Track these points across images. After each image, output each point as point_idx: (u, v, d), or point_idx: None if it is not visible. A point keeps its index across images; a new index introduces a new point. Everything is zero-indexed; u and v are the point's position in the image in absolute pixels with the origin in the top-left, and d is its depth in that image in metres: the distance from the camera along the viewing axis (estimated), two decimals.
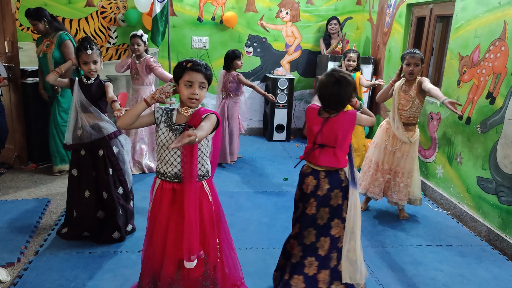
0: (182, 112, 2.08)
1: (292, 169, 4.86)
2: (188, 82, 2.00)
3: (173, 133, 2.06)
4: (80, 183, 3.03)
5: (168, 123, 2.08)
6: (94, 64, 2.95)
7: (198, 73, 2.00)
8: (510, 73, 3.16)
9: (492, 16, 3.40)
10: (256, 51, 6.18)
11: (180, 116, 2.09)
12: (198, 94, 2.02)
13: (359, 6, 6.22)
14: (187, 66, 2.00)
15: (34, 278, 2.54)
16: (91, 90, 3.01)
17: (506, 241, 3.14)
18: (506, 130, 3.18)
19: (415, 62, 3.30)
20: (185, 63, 2.01)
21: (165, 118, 2.09)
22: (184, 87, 2.02)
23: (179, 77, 2.02)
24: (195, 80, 2.00)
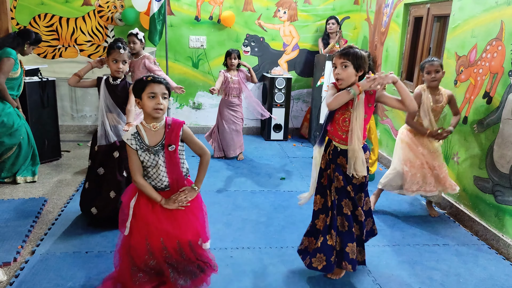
0: (151, 128, 2.17)
1: (290, 168, 4.87)
2: (151, 94, 2.10)
3: (154, 155, 2.18)
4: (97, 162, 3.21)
5: (144, 148, 2.16)
6: (123, 64, 3.07)
7: (160, 84, 2.12)
8: (506, 72, 3.17)
9: (489, 15, 3.40)
10: (253, 51, 6.18)
11: (150, 134, 2.17)
12: (163, 104, 2.11)
13: (357, 6, 6.22)
14: (148, 80, 2.11)
15: (30, 278, 2.54)
16: (116, 91, 3.13)
17: (503, 240, 3.15)
18: (502, 129, 3.19)
19: (435, 69, 3.37)
20: (145, 77, 2.13)
21: (139, 144, 2.16)
22: (148, 100, 2.11)
23: (142, 90, 2.12)
24: (158, 91, 2.10)
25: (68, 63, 5.76)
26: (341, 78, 2.33)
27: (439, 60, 3.41)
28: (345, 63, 2.32)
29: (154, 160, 2.18)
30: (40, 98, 4.49)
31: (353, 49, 2.35)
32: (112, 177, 3.17)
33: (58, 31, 5.66)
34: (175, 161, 2.21)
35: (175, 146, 2.18)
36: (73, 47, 5.76)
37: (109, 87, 3.12)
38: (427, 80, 3.43)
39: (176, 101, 6.17)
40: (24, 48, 3.96)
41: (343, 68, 2.33)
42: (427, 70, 3.41)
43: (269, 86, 5.92)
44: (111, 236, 3.09)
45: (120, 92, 3.13)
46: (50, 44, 5.68)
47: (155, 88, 2.09)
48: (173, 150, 2.18)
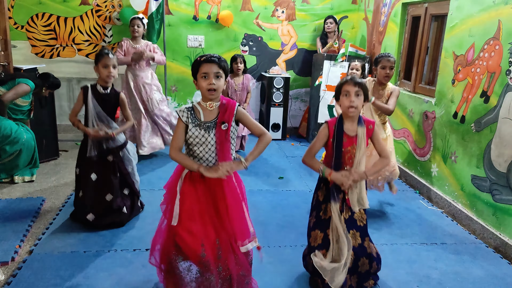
0: (207, 107, 2.15)
1: (288, 168, 4.87)
2: (204, 74, 2.08)
3: (205, 131, 2.13)
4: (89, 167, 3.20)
5: (196, 123, 2.13)
6: (114, 68, 3.08)
7: (213, 64, 2.07)
8: (504, 72, 3.18)
9: (486, 15, 3.41)
10: (252, 50, 6.18)
11: (206, 112, 2.15)
12: (216, 84, 2.08)
13: (355, 5, 6.23)
14: (201, 60, 2.09)
15: (28, 277, 2.53)
16: (108, 100, 3.15)
17: (500, 239, 3.16)
18: (500, 128, 3.20)
19: (390, 66, 3.39)
20: (199, 58, 2.10)
21: (192, 118, 2.13)
22: (201, 80, 2.09)
23: (196, 71, 2.11)
24: (210, 71, 2.07)
25: (66, 63, 5.75)
26: (356, 106, 2.32)
27: (394, 57, 3.45)
28: (359, 92, 2.33)
29: (203, 136, 2.12)
30: (38, 98, 4.47)
31: (361, 79, 2.37)
32: (107, 181, 3.18)
33: (56, 31, 5.65)
34: (225, 141, 2.13)
35: (228, 125, 2.13)
36: (71, 46, 5.75)
37: (98, 96, 3.10)
38: (380, 74, 3.43)
39: (174, 100, 6.17)
40: (42, 90, 4.16)
41: (357, 96, 2.33)
42: (383, 65, 3.41)
43: (267, 85, 5.92)
44: (109, 236, 3.09)
45: (111, 101, 3.16)
46: (48, 43, 5.67)
47: (208, 68, 2.06)
48: (226, 129, 2.12)
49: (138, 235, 3.13)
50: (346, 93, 2.33)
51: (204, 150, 2.15)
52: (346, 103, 2.33)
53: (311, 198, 2.67)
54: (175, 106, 6.19)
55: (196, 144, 2.14)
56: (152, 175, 4.38)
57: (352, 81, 2.33)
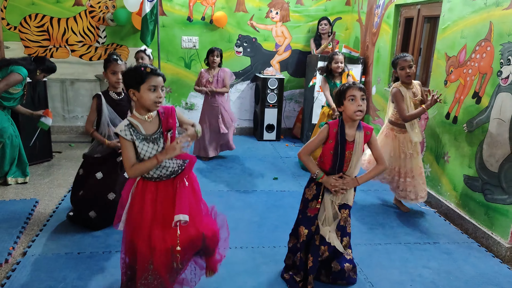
0: (146, 119, 2.10)
1: (282, 168, 4.88)
2: (152, 87, 2.03)
3: (153, 143, 2.10)
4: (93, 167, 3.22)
5: (141, 138, 2.08)
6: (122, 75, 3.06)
7: (159, 77, 2.05)
8: (495, 73, 3.21)
9: (478, 17, 3.45)
10: (246, 51, 6.19)
11: (146, 125, 2.10)
12: (162, 97, 2.07)
13: (348, 7, 6.27)
14: (148, 71, 2.02)
15: (22, 279, 2.52)
16: (122, 105, 3.18)
17: (492, 238, 3.19)
18: (491, 129, 3.23)
19: (408, 64, 3.40)
20: (143, 68, 2.03)
21: (135, 134, 2.07)
22: (148, 92, 2.03)
23: (141, 82, 2.02)
24: (159, 84, 2.04)
25: (59, 64, 5.69)
26: (363, 110, 2.36)
27: (411, 56, 3.47)
28: (364, 96, 2.37)
29: (153, 149, 2.10)
30: (31, 99, 4.46)
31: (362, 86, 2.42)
32: (112, 179, 3.17)
33: (49, 32, 5.63)
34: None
35: (173, 131, 2.15)
36: (64, 47, 5.73)
37: (112, 102, 3.15)
38: (402, 76, 3.45)
39: (168, 101, 6.16)
40: (36, 73, 4.05)
41: (363, 101, 2.36)
42: (401, 66, 3.42)
43: (261, 86, 5.93)
44: (103, 237, 3.08)
45: (124, 106, 3.21)
46: (41, 44, 5.65)
47: (156, 81, 2.03)
48: (172, 135, 2.14)
49: None
50: (352, 97, 2.35)
51: (165, 160, 2.13)
52: (353, 107, 2.35)
53: None
54: None
55: (149, 157, 2.09)
56: None
57: (357, 86, 2.37)
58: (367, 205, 3.91)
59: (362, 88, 2.38)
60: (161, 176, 2.16)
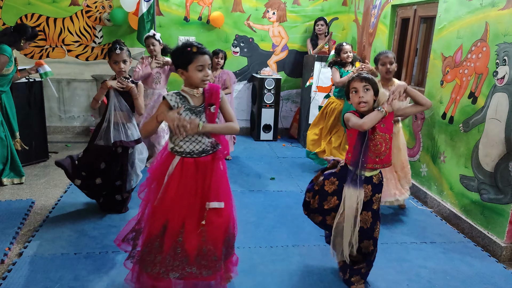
0: (194, 93, 2.21)
1: (279, 168, 4.89)
2: (200, 66, 2.12)
3: (196, 115, 2.19)
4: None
5: (187, 107, 2.19)
6: (124, 63, 3.14)
7: (206, 55, 2.13)
8: (491, 73, 3.23)
9: (474, 17, 3.46)
10: (243, 51, 6.19)
11: (193, 98, 2.22)
12: (210, 75, 2.17)
13: (345, 7, 6.28)
14: (194, 51, 2.10)
15: (18, 280, 2.51)
16: (127, 93, 3.19)
17: (488, 237, 3.20)
18: (487, 129, 3.25)
19: (389, 61, 3.45)
20: (189, 48, 2.10)
21: (182, 102, 2.18)
22: (196, 72, 2.12)
23: (188, 62, 2.11)
24: (205, 63, 2.13)
25: (56, 64, 5.70)
26: (365, 100, 2.35)
27: (393, 53, 3.52)
28: (367, 87, 2.36)
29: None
30: (27, 99, 4.44)
31: (368, 75, 2.40)
32: (114, 169, 3.29)
33: (46, 31, 5.61)
34: (214, 122, 2.25)
35: (216, 107, 2.24)
36: (60, 47, 5.71)
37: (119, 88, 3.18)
38: (382, 71, 3.49)
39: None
40: (20, 44, 3.93)
41: (366, 91, 2.36)
42: (382, 61, 3.47)
43: (258, 86, 5.93)
44: (99, 238, 3.07)
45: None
46: (37, 44, 5.63)
47: (203, 60, 2.11)
48: (214, 111, 2.23)
49: None
50: (355, 90, 2.37)
51: (196, 133, 2.18)
52: (355, 99, 2.37)
53: (302, 199, 2.68)
54: None
55: None
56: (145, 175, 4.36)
57: (359, 77, 2.37)
58: None
59: (365, 78, 2.36)
60: (193, 151, 2.21)
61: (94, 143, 3.25)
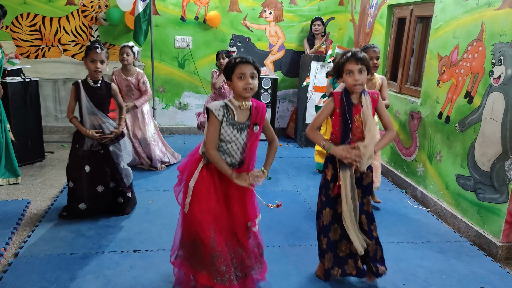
0: (240, 107, 2.21)
1: (276, 168, 4.89)
2: (240, 74, 2.14)
3: (238, 131, 2.21)
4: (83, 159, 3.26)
5: (231, 122, 2.19)
6: (101, 64, 3.09)
7: (248, 65, 2.15)
8: (487, 73, 3.24)
9: (470, 17, 3.47)
10: (239, 51, 6.19)
11: (239, 112, 2.22)
12: (252, 84, 2.15)
13: (342, 7, 6.28)
14: (237, 61, 2.15)
15: (14, 280, 2.50)
16: (99, 93, 3.18)
17: (484, 237, 3.21)
18: (483, 128, 3.26)
19: (376, 56, 3.47)
20: (233, 60, 2.17)
21: (227, 117, 2.19)
22: (237, 80, 2.15)
23: (231, 72, 2.16)
24: (246, 71, 2.14)
25: (52, 63, 5.69)
26: (361, 83, 2.32)
27: (379, 48, 3.53)
28: (362, 68, 2.32)
29: (234, 136, 2.20)
30: (23, 99, 4.42)
31: (363, 53, 2.36)
32: (99, 172, 3.27)
33: (41, 31, 5.59)
34: (255, 141, 2.27)
35: (259, 127, 2.25)
36: (56, 47, 5.69)
37: (90, 90, 3.15)
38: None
39: (162, 101, 6.14)
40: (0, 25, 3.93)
41: (361, 73, 2.32)
42: (369, 56, 3.39)
43: None
44: (96, 238, 3.06)
45: (104, 94, 3.21)
46: (33, 44, 5.61)
47: (244, 69, 2.13)
48: (257, 131, 2.25)
49: (126, 236, 3.11)
50: (350, 72, 2.33)
51: (232, 147, 2.24)
52: (350, 81, 2.33)
53: (299, 199, 2.70)
54: (163, 107, 6.16)
55: (226, 141, 2.22)
56: (142, 175, 4.36)
57: (354, 59, 2.31)
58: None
59: (360, 58, 2.31)
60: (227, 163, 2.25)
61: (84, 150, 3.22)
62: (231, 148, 2.24)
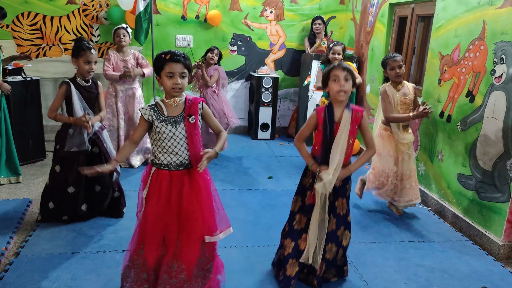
0: (172, 103, 2.17)
1: (277, 167, 4.88)
2: (169, 74, 2.08)
3: (172, 125, 2.16)
4: (66, 178, 3.16)
5: (161, 118, 2.15)
6: (95, 64, 3.08)
7: (178, 63, 2.08)
8: (489, 72, 3.23)
9: (471, 16, 3.46)
10: (240, 50, 6.18)
11: (170, 108, 2.18)
12: (181, 83, 2.10)
13: (343, 6, 6.27)
14: (166, 58, 2.08)
15: (15, 280, 2.50)
16: (91, 92, 3.15)
17: (486, 236, 3.21)
18: (485, 127, 3.25)
19: (398, 65, 3.39)
20: (163, 55, 2.09)
21: (156, 115, 2.15)
22: (166, 79, 2.10)
23: (160, 69, 2.10)
24: (176, 70, 2.08)
25: (53, 62, 5.69)
26: (346, 90, 2.34)
27: (400, 56, 3.46)
28: (347, 77, 2.35)
29: (170, 131, 2.14)
30: (24, 98, 4.42)
31: (349, 65, 2.39)
32: (70, 173, 3.14)
33: (42, 30, 5.58)
34: (195, 134, 2.18)
35: (195, 118, 2.18)
36: (57, 46, 5.69)
37: (81, 88, 3.11)
38: (391, 75, 3.43)
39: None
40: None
41: (346, 81, 2.35)
42: (391, 66, 3.41)
43: (256, 85, 5.93)
44: (97, 237, 3.06)
45: (91, 93, 3.18)
46: (34, 43, 5.60)
47: (173, 67, 2.07)
48: (193, 122, 2.17)
49: (127, 235, 3.10)
50: (336, 78, 2.35)
51: (173, 145, 2.16)
52: (335, 87, 2.35)
53: None
54: None
55: (164, 139, 2.16)
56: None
57: (340, 67, 2.36)
58: (361, 204, 3.91)
59: (346, 67, 2.35)
60: (170, 163, 2.19)
61: (66, 151, 3.11)
62: (173, 145, 2.16)
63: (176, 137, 2.16)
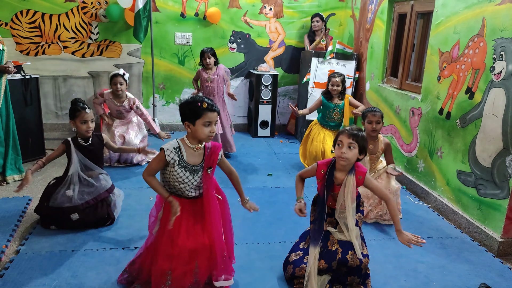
0: (194, 149, 2.24)
1: (276, 165, 4.89)
2: (207, 122, 2.15)
3: (191, 173, 2.23)
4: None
5: (182, 164, 2.20)
6: (92, 122, 3.07)
7: (214, 112, 2.16)
8: (488, 68, 3.23)
9: (470, 12, 3.46)
10: (239, 47, 6.17)
11: (191, 154, 2.23)
12: (215, 131, 2.20)
13: (342, 3, 6.26)
14: (204, 107, 2.13)
15: (15, 277, 2.51)
16: (93, 149, 3.14)
17: (485, 232, 3.22)
18: (484, 124, 3.25)
19: (376, 120, 3.36)
20: (200, 103, 2.12)
21: (179, 160, 2.19)
22: (203, 127, 2.15)
23: (197, 117, 2.14)
24: (213, 119, 2.16)
25: (52, 60, 5.69)
26: (346, 157, 2.31)
27: (381, 112, 3.40)
28: (353, 144, 2.31)
29: (187, 178, 2.22)
30: (23, 96, 4.42)
31: (362, 133, 2.35)
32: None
33: (41, 28, 5.57)
34: (210, 181, 2.28)
35: (213, 169, 2.28)
36: (56, 44, 5.68)
37: (83, 148, 3.10)
38: (367, 129, 3.39)
39: (162, 98, 6.14)
40: None
41: (350, 149, 2.32)
42: (369, 119, 3.37)
43: (255, 83, 5.92)
44: (97, 235, 3.07)
45: (97, 149, 3.19)
46: (33, 41, 5.59)
47: (211, 117, 2.14)
48: (210, 173, 2.27)
49: (127, 233, 3.11)
50: (340, 143, 2.35)
51: (185, 188, 2.26)
52: (337, 153, 2.36)
53: None
54: (163, 104, 6.16)
55: (178, 182, 2.23)
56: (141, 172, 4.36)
57: (347, 132, 2.33)
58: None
59: (354, 134, 2.31)
60: (183, 196, 2.29)
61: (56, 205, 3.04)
62: (184, 188, 2.25)
63: (191, 183, 2.25)
